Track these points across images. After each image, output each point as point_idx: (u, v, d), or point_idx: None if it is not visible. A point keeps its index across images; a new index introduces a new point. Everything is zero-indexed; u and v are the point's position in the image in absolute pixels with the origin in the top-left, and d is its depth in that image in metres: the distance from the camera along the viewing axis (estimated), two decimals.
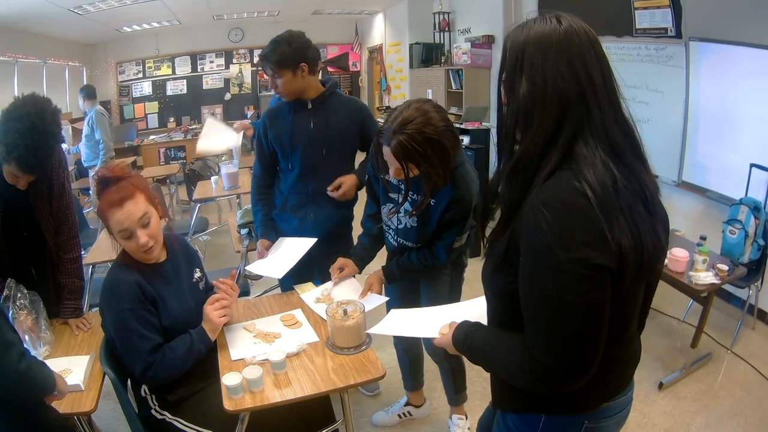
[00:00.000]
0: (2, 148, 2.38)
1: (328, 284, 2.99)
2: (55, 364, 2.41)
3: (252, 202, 3.50)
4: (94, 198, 7.41)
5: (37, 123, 2.39)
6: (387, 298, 2.87)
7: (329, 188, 3.18)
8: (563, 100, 1.27)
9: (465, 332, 1.61)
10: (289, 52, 3.04)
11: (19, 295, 2.62)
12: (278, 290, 3.58)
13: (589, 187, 1.21)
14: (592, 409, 1.49)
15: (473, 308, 2.05)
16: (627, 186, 1.26)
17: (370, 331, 2.36)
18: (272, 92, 3.34)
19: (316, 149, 3.21)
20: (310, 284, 3.15)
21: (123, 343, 2.31)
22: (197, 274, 2.70)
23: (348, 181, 3.28)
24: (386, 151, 2.32)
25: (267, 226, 3.40)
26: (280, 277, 3.09)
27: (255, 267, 3.20)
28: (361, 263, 3.03)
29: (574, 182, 1.23)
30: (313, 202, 3.31)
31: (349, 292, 2.91)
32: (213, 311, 2.47)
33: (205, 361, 2.52)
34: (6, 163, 2.46)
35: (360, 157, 3.35)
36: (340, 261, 2.98)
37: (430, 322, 2.00)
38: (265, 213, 3.42)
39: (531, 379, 1.35)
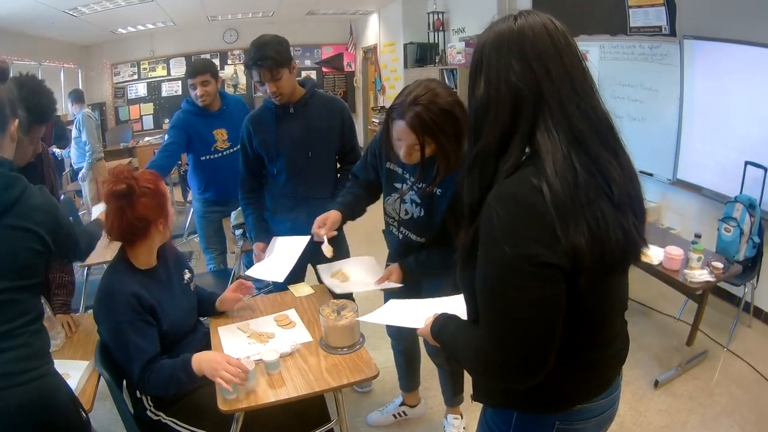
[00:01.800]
0: (22, 113, 2.44)
1: (343, 261, 2.94)
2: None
3: (241, 206, 3.50)
4: (87, 200, 7.42)
5: (40, 81, 2.57)
6: (401, 285, 2.74)
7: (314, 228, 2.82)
8: (517, 95, 1.28)
9: (440, 323, 1.63)
10: (284, 51, 3.05)
11: None
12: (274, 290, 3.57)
13: (546, 183, 1.20)
14: (565, 410, 1.47)
15: (454, 302, 2.05)
16: (588, 180, 1.24)
17: (362, 318, 2.34)
18: (263, 94, 3.29)
19: (302, 153, 3.24)
20: (304, 284, 3.14)
21: (120, 353, 2.32)
22: (187, 275, 2.71)
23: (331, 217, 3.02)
24: (400, 125, 2.27)
25: (260, 229, 3.40)
26: (281, 280, 2.94)
27: (255, 271, 3.11)
28: (348, 210, 2.85)
29: (532, 179, 1.23)
30: (303, 204, 3.31)
31: (365, 272, 2.85)
32: (223, 366, 2.18)
33: None
34: (26, 129, 2.46)
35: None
36: (320, 217, 2.79)
37: (423, 313, 1.98)
38: (257, 215, 3.43)
39: (483, 372, 1.38)
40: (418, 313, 2.06)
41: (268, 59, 2.98)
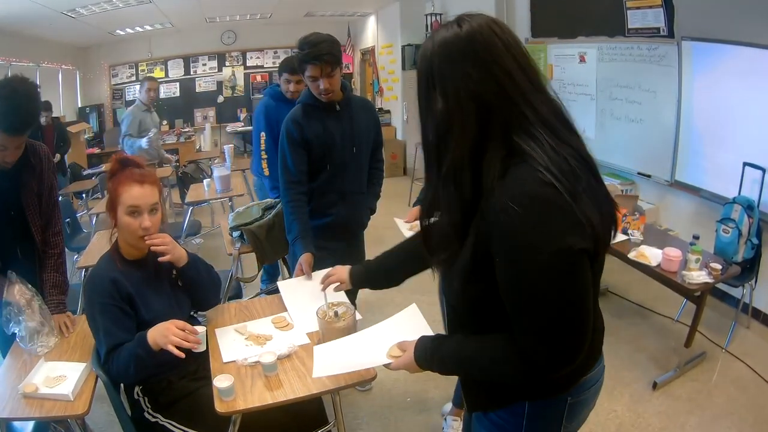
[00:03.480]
0: None
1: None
2: (52, 369, 2.46)
3: (289, 209, 3.28)
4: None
5: (18, 87, 2.57)
6: None
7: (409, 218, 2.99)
8: (481, 102, 1.29)
9: (430, 348, 1.59)
10: (339, 50, 3.12)
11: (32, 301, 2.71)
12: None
13: (551, 175, 1.22)
14: (573, 386, 1.53)
15: (401, 325, 2.00)
16: (576, 164, 1.28)
17: (315, 375, 2.09)
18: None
19: (347, 149, 3.31)
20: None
21: (93, 333, 2.42)
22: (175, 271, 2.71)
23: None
24: None
25: (309, 237, 3.23)
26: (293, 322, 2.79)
27: (286, 288, 3.05)
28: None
29: (535, 174, 1.23)
30: (344, 199, 3.39)
31: None
32: (172, 330, 2.26)
33: (197, 362, 2.52)
34: None
35: None
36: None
37: (367, 348, 1.93)
38: (305, 222, 3.27)
39: (530, 372, 1.36)
40: (361, 351, 1.97)
41: (327, 55, 3.01)
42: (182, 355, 2.19)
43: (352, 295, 3.27)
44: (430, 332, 1.72)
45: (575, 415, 1.59)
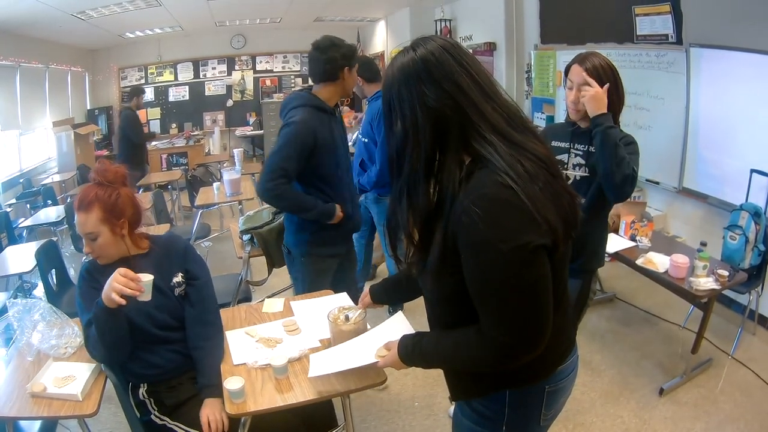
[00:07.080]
0: None
1: None
2: (60, 369, 2.49)
3: (287, 197, 3.15)
4: None
5: None
6: None
7: None
8: (437, 117, 1.42)
9: (412, 344, 1.69)
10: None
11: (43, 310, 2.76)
12: (282, 295, 3.57)
13: (509, 178, 1.33)
14: (550, 374, 1.63)
15: (388, 330, 2.13)
16: (531, 165, 1.39)
17: (310, 375, 2.19)
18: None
19: (347, 151, 3.37)
20: (278, 299, 3.09)
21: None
22: (176, 279, 2.62)
23: None
24: (576, 69, 2.81)
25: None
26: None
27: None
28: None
29: (495, 177, 1.35)
30: (352, 202, 3.42)
31: None
32: (115, 278, 2.19)
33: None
34: None
35: None
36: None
37: (358, 351, 2.07)
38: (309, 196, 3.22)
39: (497, 359, 1.46)
40: (353, 354, 2.10)
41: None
42: (123, 302, 2.16)
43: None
44: None
45: (553, 403, 1.70)
